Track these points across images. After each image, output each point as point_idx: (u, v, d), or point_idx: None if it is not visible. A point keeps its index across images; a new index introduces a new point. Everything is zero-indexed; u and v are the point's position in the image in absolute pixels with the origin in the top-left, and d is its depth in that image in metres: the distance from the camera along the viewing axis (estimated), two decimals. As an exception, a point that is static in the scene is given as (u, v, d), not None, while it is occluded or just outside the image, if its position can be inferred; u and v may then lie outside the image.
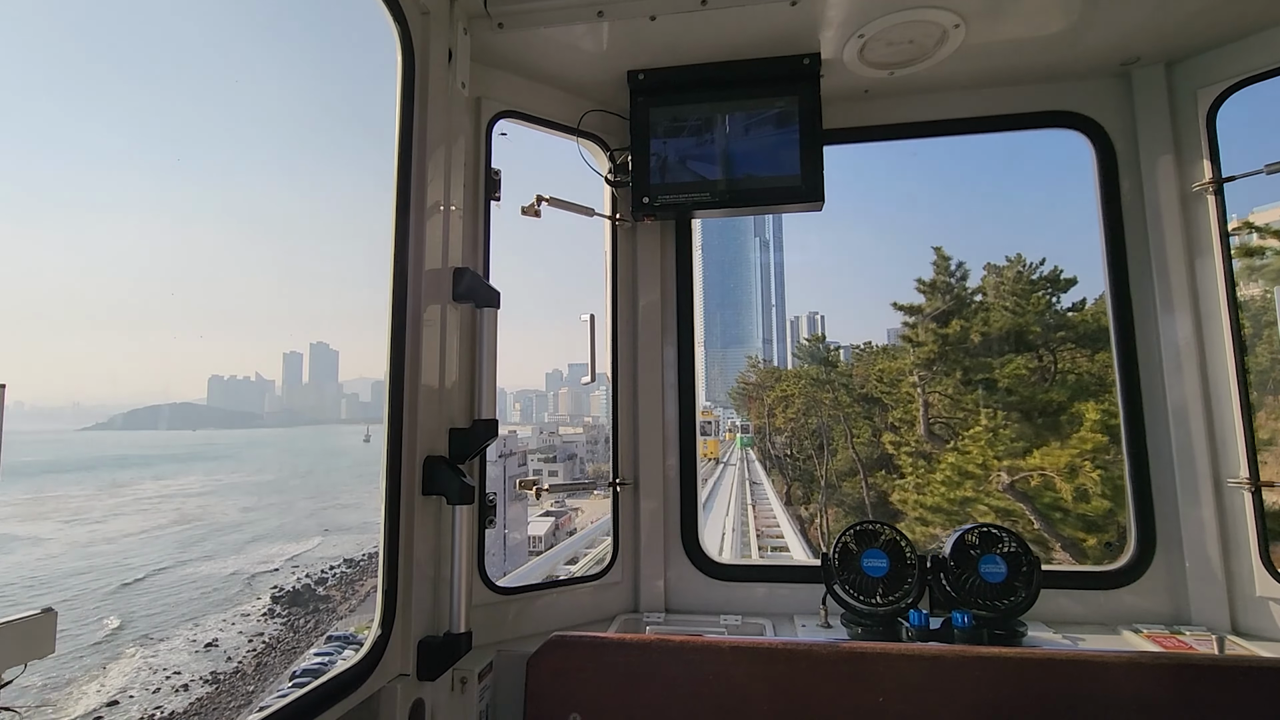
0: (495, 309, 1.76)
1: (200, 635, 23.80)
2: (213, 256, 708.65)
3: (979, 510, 14.40)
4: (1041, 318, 16.79)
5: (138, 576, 29.52)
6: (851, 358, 24.94)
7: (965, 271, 18.96)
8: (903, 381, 20.07)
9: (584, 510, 31.17)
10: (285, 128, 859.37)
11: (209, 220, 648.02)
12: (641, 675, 1.56)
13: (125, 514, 41.87)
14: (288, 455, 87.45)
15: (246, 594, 28.14)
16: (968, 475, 14.94)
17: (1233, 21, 1.84)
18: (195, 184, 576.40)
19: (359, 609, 26.99)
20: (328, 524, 39.82)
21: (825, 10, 1.77)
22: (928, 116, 2.19)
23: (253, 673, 21.78)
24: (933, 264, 19.58)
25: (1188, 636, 1.80)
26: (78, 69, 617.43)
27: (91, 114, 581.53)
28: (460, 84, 1.72)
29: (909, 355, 19.48)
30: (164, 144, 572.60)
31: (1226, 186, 1.93)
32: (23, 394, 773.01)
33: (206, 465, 69.03)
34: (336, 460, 78.96)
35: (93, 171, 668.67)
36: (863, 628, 1.86)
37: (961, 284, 18.86)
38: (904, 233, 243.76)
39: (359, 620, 25.55)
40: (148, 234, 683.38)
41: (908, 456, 18.17)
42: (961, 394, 17.38)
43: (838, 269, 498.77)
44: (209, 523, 39.28)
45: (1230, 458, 1.88)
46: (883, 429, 21.63)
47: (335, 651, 21.97)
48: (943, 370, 18.18)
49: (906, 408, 19.51)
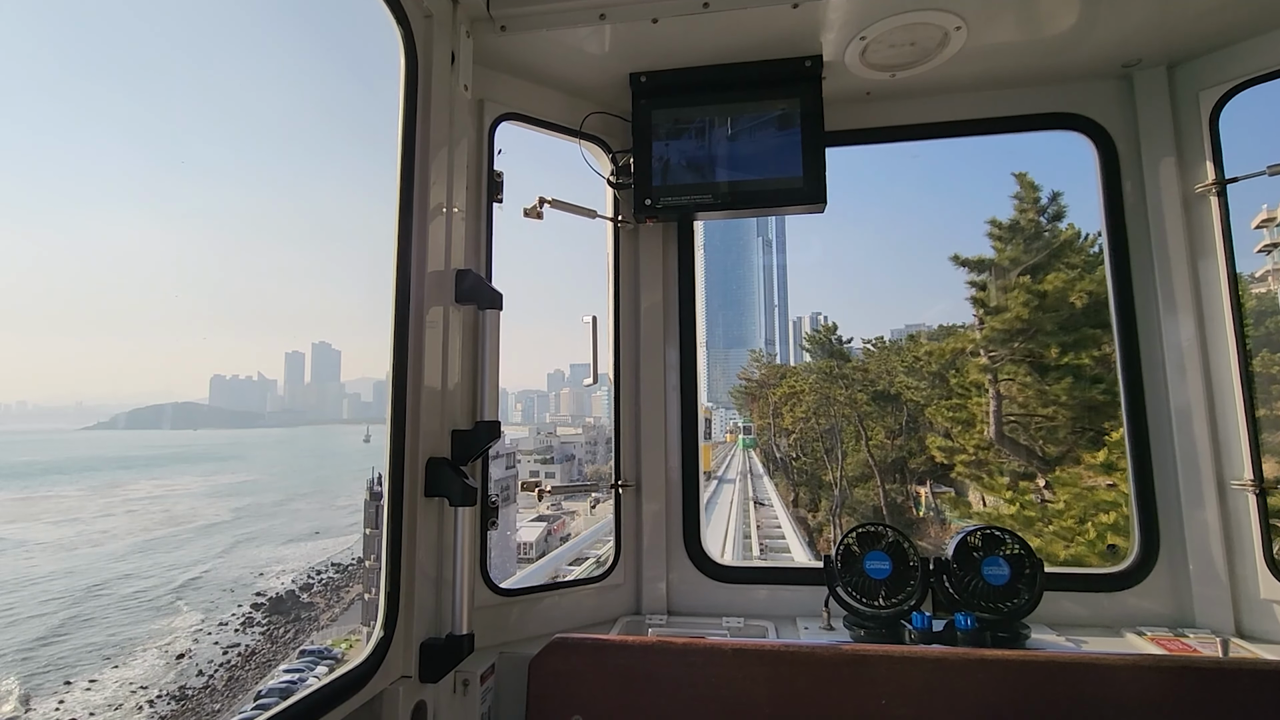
0: (498, 310, 1.76)
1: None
2: (213, 257, 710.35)
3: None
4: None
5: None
6: (862, 354, 22.48)
7: (1060, 209, 13.85)
8: (966, 367, 14.92)
9: (580, 515, 30.15)
10: (289, 130, 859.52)
11: (211, 221, 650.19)
12: (643, 677, 1.56)
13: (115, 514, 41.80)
14: (291, 455, 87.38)
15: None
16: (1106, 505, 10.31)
17: (1234, 24, 1.84)
18: (199, 185, 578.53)
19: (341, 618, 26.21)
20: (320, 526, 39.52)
21: (827, 12, 1.77)
22: (930, 118, 2.19)
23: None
24: (1013, 198, 14.32)
25: (1192, 639, 1.80)
26: (84, 72, 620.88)
27: (97, 115, 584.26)
28: (463, 86, 1.72)
29: (968, 333, 14.97)
30: (169, 145, 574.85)
31: (1235, 186, 1.92)
32: (25, 394, 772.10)
33: (206, 466, 69.07)
34: (331, 460, 78.77)
35: (98, 173, 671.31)
36: (865, 630, 1.86)
37: (1055, 224, 13.74)
38: (906, 233, 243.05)
39: (337, 632, 24.63)
40: (152, 235, 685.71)
41: (966, 466, 14.07)
42: (1050, 383, 12.63)
43: (840, 270, 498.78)
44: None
45: (1234, 459, 1.88)
46: (898, 432, 18.52)
47: (307, 668, 20.91)
48: (1024, 350, 13.06)
49: (962, 403, 14.91)
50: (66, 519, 43.79)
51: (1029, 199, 14.08)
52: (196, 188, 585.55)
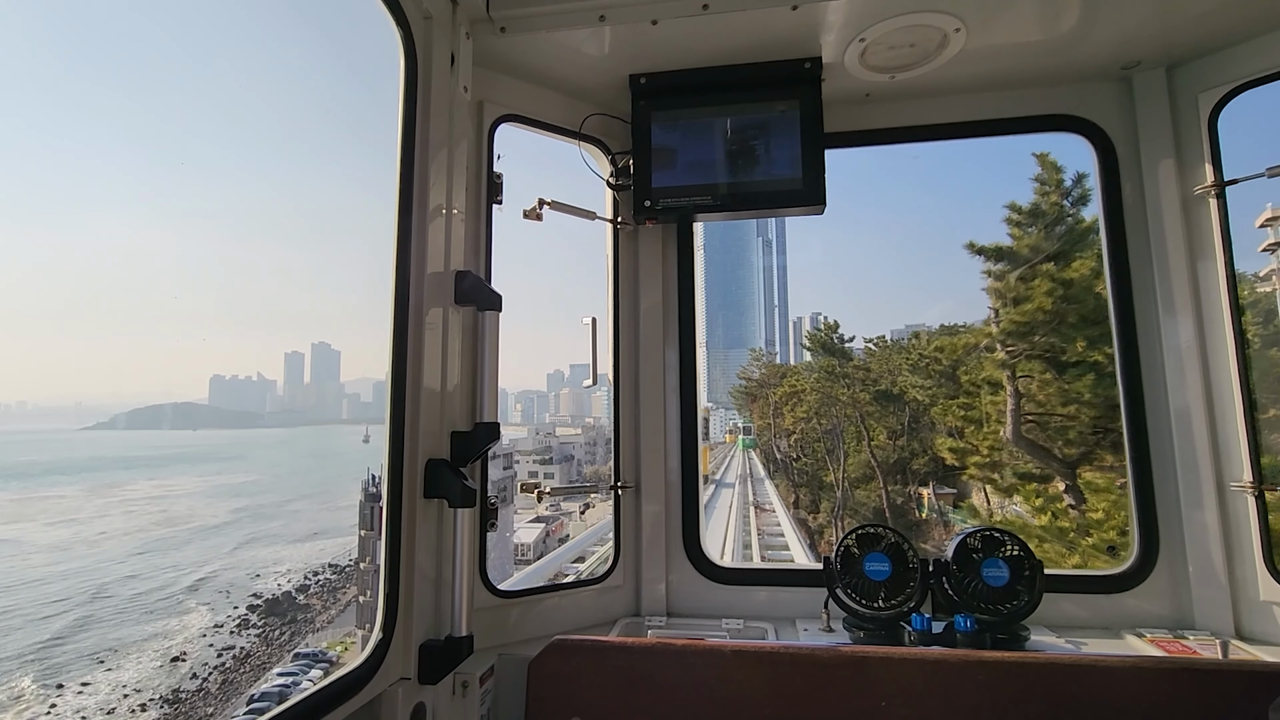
0: (497, 312, 1.76)
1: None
2: (214, 257, 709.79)
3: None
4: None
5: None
6: (864, 353, 21.84)
7: (1085, 192, 12.88)
8: (979, 363, 14.20)
9: (576, 517, 29.55)
10: (289, 130, 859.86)
11: (212, 221, 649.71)
12: (643, 679, 1.56)
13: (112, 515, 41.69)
14: (288, 456, 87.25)
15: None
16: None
17: (1233, 26, 1.84)
18: (199, 185, 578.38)
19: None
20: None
21: (826, 14, 1.77)
22: (929, 120, 2.19)
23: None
24: (1033, 181, 13.25)
25: (1191, 641, 1.80)
26: (84, 71, 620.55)
27: (97, 116, 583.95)
28: (462, 88, 1.72)
29: (984, 328, 14.08)
30: (170, 145, 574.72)
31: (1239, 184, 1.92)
32: (25, 393, 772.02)
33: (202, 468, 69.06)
34: (332, 461, 78.57)
35: (99, 174, 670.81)
36: (865, 632, 1.86)
37: (1079, 207, 12.81)
38: (906, 234, 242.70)
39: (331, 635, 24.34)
40: (153, 234, 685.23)
41: (979, 469, 13.18)
42: (1070, 380, 11.99)
43: (840, 270, 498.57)
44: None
45: (1233, 461, 1.88)
46: (900, 432, 17.85)
47: (301, 671, 20.60)
48: (1045, 344, 12.13)
49: (972, 401, 14.21)
50: (64, 519, 43.74)
51: (1052, 180, 13.12)
52: (197, 188, 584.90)
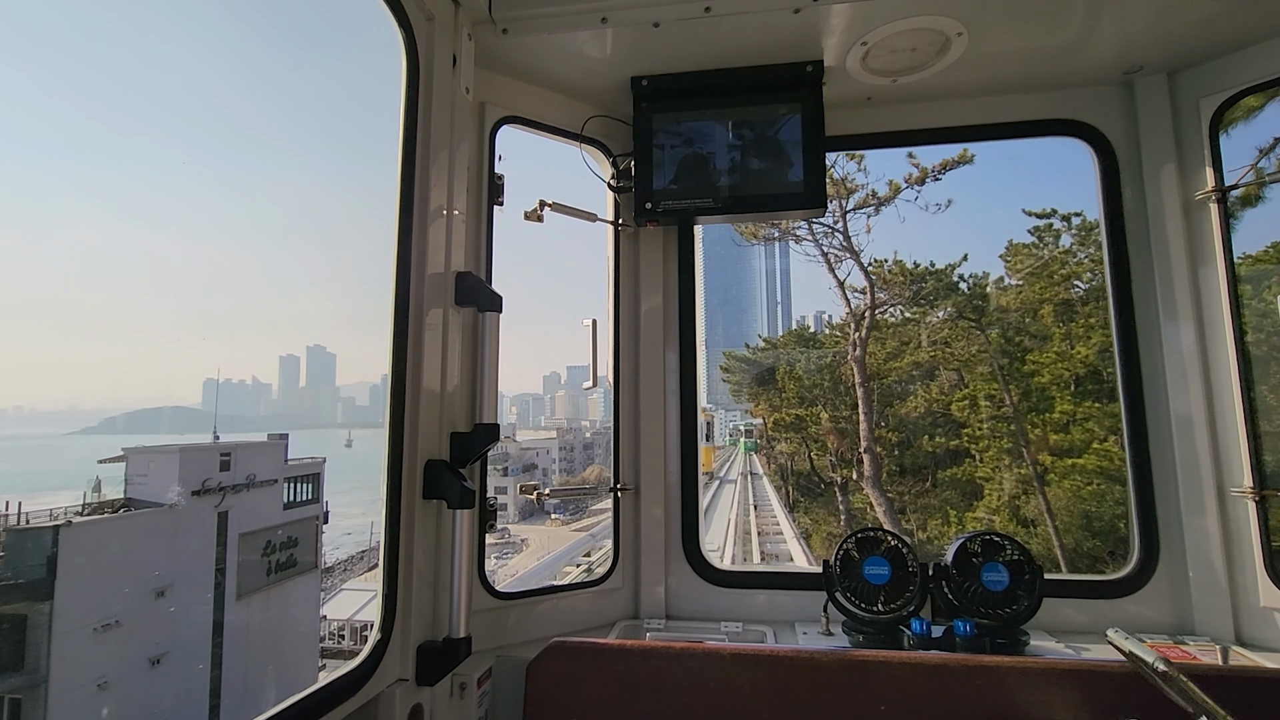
0: (497, 313, 1.76)
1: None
2: (215, 258, 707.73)
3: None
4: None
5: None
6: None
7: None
8: (1045, 317, 12.81)
9: (531, 542, 26.97)
10: (290, 131, 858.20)
11: (212, 222, 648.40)
12: (641, 682, 1.55)
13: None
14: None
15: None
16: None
17: (1235, 31, 1.84)
18: (200, 186, 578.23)
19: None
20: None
21: (828, 18, 1.78)
22: (930, 124, 2.20)
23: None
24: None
25: (1191, 647, 1.79)
26: (83, 72, 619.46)
27: (96, 117, 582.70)
28: (464, 89, 1.72)
29: (1033, 283, 12.83)
30: (169, 147, 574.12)
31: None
32: (21, 398, 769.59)
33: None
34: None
35: (98, 175, 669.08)
36: (864, 635, 1.85)
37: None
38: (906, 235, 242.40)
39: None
40: (150, 237, 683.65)
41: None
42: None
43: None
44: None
45: (1234, 467, 1.88)
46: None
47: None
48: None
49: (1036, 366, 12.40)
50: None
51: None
52: (198, 188, 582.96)
